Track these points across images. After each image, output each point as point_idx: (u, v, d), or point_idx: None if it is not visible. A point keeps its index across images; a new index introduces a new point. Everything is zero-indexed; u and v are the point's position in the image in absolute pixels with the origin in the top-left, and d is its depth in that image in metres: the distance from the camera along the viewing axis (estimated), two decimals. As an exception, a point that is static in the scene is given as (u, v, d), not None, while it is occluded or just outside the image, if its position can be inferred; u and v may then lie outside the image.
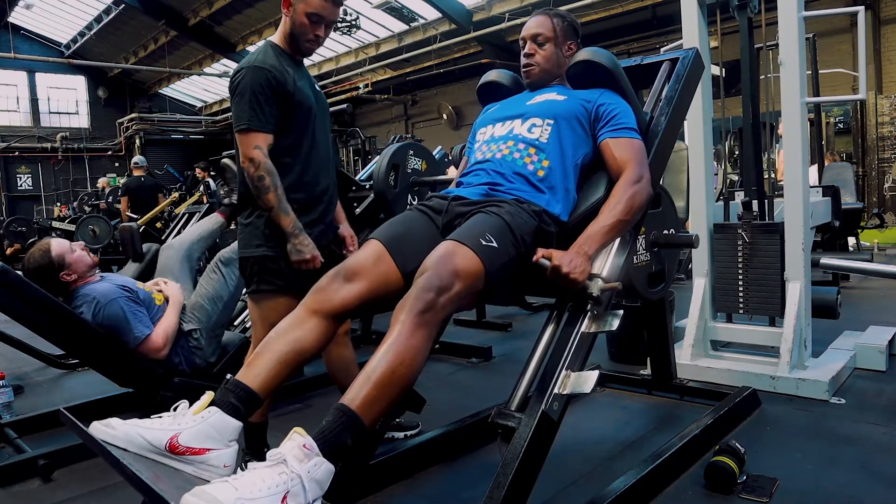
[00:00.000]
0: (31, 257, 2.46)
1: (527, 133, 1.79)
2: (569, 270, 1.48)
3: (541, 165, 1.73)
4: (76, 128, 18.97)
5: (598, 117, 1.79)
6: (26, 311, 2.32)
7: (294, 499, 1.11)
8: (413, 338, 1.27)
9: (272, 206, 1.88)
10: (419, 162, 3.39)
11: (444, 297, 1.32)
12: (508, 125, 1.84)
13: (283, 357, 1.41)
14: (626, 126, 1.76)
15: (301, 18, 1.93)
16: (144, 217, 7.77)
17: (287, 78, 1.91)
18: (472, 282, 1.40)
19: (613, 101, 1.80)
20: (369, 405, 1.23)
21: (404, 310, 1.30)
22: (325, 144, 2.08)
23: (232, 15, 14.54)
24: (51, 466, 2.20)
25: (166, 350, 2.45)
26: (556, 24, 1.92)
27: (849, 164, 7.04)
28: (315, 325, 1.45)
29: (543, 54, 1.91)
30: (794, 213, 2.79)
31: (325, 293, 1.48)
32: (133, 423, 1.26)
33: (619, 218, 1.61)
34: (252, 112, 1.86)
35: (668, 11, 9.02)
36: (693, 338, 2.97)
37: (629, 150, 1.73)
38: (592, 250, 1.56)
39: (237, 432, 1.33)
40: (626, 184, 1.67)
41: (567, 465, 2.04)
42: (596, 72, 1.84)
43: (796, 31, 2.73)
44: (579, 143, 1.78)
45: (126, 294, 2.44)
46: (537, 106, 1.85)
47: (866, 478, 1.92)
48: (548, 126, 1.78)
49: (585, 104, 1.80)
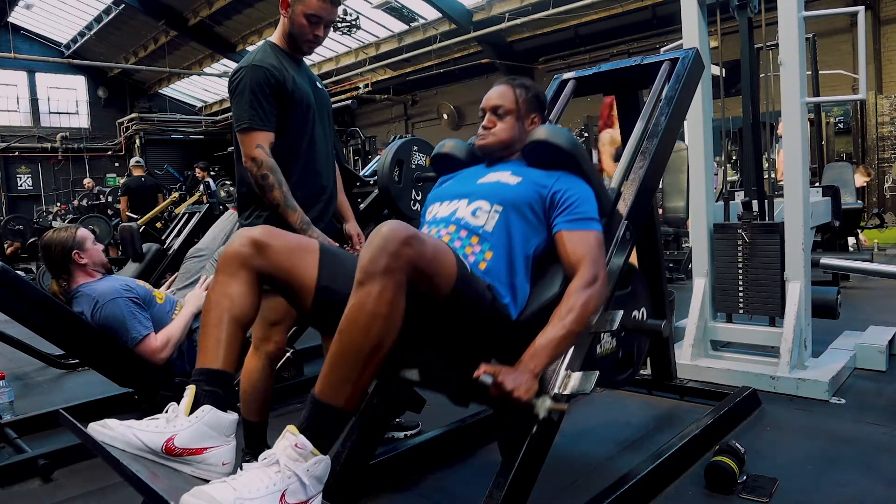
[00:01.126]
0: (55, 232, 2.56)
1: (470, 217, 1.60)
2: (513, 388, 1.31)
3: (483, 257, 1.54)
4: (76, 128, 18.96)
5: (554, 204, 1.60)
6: (26, 311, 2.32)
7: (292, 496, 1.11)
8: (369, 295, 1.16)
9: (278, 203, 1.87)
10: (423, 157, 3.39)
11: (416, 246, 1.20)
12: (453, 205, 1.66)
13: (227, 329, 1.36)
14: (583, 217, 1.59)
15: (300, 19, 1.93)
16: (144, 217, 7.78)
17: (286, 76, 1.91)
18: (443, 266, 1.29)
19: (572, 187, 1.62)
20: (338, 388, 1.19)
21: (361, 261, 1.19)
22: (324, 142, 2.08)
23: (232, 15, 14.54)
24: (51, 466, 2.20)
25: (165, 353, 2.44)
26: (519, 96, 1.77)
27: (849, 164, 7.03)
28: (239, 285, 1.37)
29: (503, 127, 1.76)
30: (794, 213, 2.79)
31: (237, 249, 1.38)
32: (129, 425, 1.26)
33: (570, 329, 1.42)
34: (252, 111, 1.86)
35: (668, 11, 9.02)
36: (693, 338, 2.97)
37: (585, 245, 1.54)
38: (539, 368, 1.38)
39: (233, 426, 1.33)
40: (578, 288, 1.47)
41: (567, 465, 2.04)
42: (554, 154, 1.66)
43: (796, 31, 2.73)
44: (531, 233, 1.60)
45: (127, 294, 2.44)
46: (487, 187, 1.67)
47: (866, 478, 1.92)
48: (495, 213, 1.58)
49: (541, 189, 1.62)
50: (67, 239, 2.49)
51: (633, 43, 11.45)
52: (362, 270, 1.18)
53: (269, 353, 1.94)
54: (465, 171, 1.84)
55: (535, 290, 1.59)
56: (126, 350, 2.40)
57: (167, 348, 2.44)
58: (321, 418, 1.19)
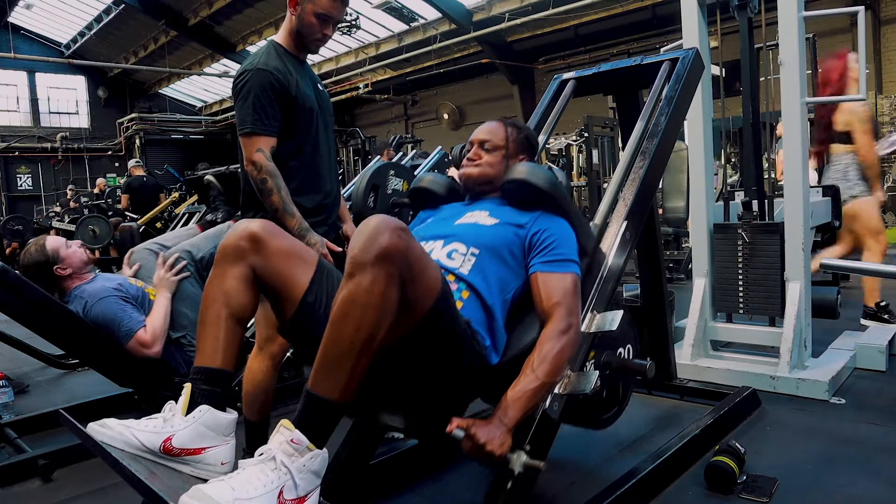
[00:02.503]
0: (26, 253, 2.48)
1: (446, 259, 1.54)
2: (485, 441, 1.28)
3: (459, 296, 1.48)
4: (76, 128, 18.97)
5: (532, 246, 1.55)
6: (26, 310, 2.32)
7: (290, 492, 1.11)
8: (359, 286, 1.14)
9: (277, 207, 1.87)
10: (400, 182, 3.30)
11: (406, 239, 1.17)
12: (429, 246, 1.59)
13: (224, 325, 1.34)
14: (560, 258, 1.53)
15: (309, 18, 1.93)
16: (144, 217, 7.78)
17: (290, 80, 1.91)
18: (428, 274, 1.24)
19: (553, 227, 1.57)
20: (331, 381, 1.17)
21: (351, 252, 1.17)
22: (327, 146, 2.08)
23: (232, 15, 14.55)
24: (51, 466, 2.20)
25: (157, 347, 2.42)
26: (510, 135, 1.75)
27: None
28: (236, 278, 1.35)
29: (489, 160, 1.72)
30: (794, 213, 2.79)
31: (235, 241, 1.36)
32: (127, 425, 1.26)
33: (543, 381, 1.37)
34: (255, 115, 1.86)
35: (668, 11, 9.02)
36: (693, 338, 2.97)
37: (560, 290, 1.48)
38: (513, 422, 1.33)
39: (232, 426, 1.32)
40: (552, 336, 1.42)
41: (567, 465, 2.04)
42: (532, 193, 1.61)
43: (796, 31, 2.73)
44: (509, 276, 1.54)
45: (116, 292, 2.44)
46: (463, 228, 1.62)
47: (866, 478, 1.92)
48: (472, 256, 1.53)
49: (518, 230, 1.57)
50: (40, 259, 2.46)
51: (633, 43, 11.47)
52: (353, 261, 1.15)
53: (273, 353, 1.94)
54: (444, 211, 1.80)
55: (514, 335, 1.53)
56: (121, 349, 2.39)
57: (157, 341, 2.43)
58: (315, 412, 1.18)
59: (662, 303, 2.46)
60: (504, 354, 1.50)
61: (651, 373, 1.63)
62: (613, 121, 7.89)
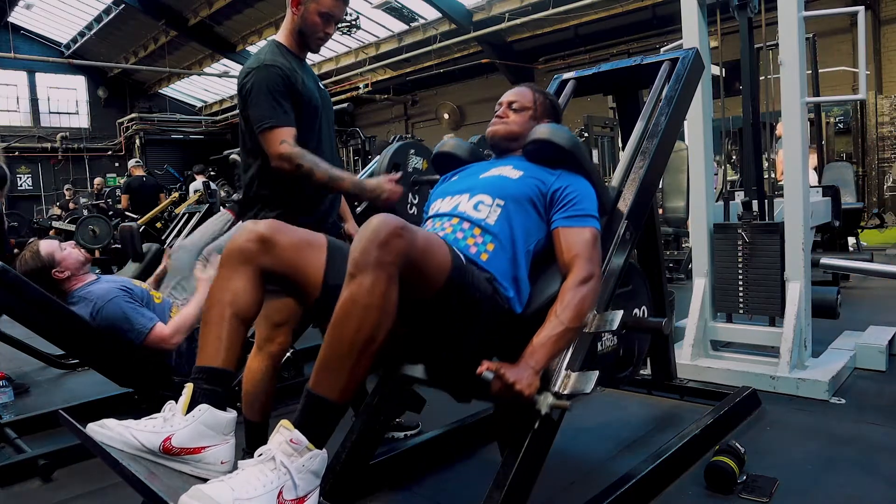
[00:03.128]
0: (22, 260, 2.47)
1: (472, 211, 1.61)
2: (514, 381, 1.32)
3: (485, 248, 1.54)
4: (76, 128, 18.96)
5: (554, 201, 1.62)
6: (26, 310, 2.32)
7: (290, 492, 1.11)
8: (361, 287, 1.15)
9: (325, 181, 1.87)
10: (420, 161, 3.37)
11: (407, 238, 1.19)
12: (455, 200, 1.67)
13: (228, 326, 1.35)
14: (581, 213, 1.59)
15: (313, 17, 1.94)
16: (144, 217, 7.78)
17: (296, 76, 1.92)
18: (435, 258, 1.29)
19: (574, 184, 1.63)
20: (332, 380, 1.19)
21: (353, 254, 1.18)
22: (330, 142, 2.09)
23: (232, 15, 14.54)
24: (51, 466, 2.20)
25: (177, 338, 2.42)
26: (537, 98, 1.83)
27: (849, 164, 7.03)
28: (242, 280, 1.36)
29: (515, 119, 1.80)
30: (794, 213, 2.79)
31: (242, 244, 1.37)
32: (127, 425, 1.26)
33: (567, 326, 1.44)
34: (272, 109, 1.86)
35: (668, 11, 9.02)
36: (693, 338, 2.97)
37: (580, 242, 1.55)
38: (540, 365, 1.39)
39: (232, 425, 1.32)
40: (573, 286, 1.48)
41: (567, 465, 2.04)
42: (555, 152, 1.67)
43: (796, 31, 2.73)
44: (532, 228, 1.60)
45: (124, 293, 2.44)
46: (488, 181, 1.68)
47: (866, 478, 1.92)
48: (497, 207, 1.60)
49: (541, 186, 1.63)
50: (37, 265, 2.45)
51: (633, 43, 11.45)
52: (353, 263, 1.17)
53: (273, 353, 1.94)
54: (468, 169, 1.85)
55: (537, 287, 1.58)
56: (128, 349, 2.39)
57: (178, 334, 2.42)
58: (316, 411, 1.18)
59: (662, 303, 2.46)
60: (528, 306, 1.56)
61: (667, 329, 1.70)
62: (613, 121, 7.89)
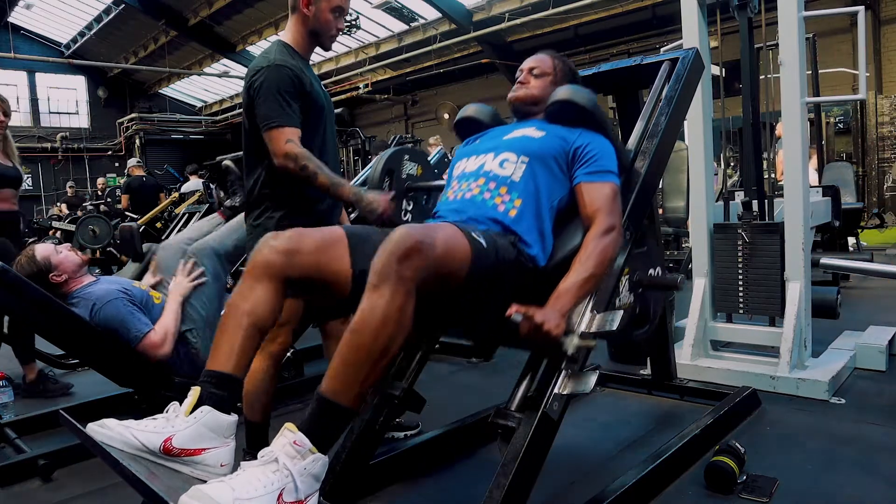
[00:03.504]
0: (18, 266, 2.46)
1: (498, 169, 1.69)
2: (542, 322, 1.37)
3: (512, 205, 1.62)
4: (76, 128, 18.98)
5: (576, 158, 1.69)
6: (26, 311, 2.32)
7: (290, 495, 1.11)
8: (371, 298, 1.20)
9: (327, 186, 1.89)
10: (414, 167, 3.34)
11: (427, 252, 1.23)
12: (480, 159, 1.75)
13: (244, 333, 1.36)
14: (602, 169, 1.67)
15: (325, 15, 1.96)
16: (144, 217, 7.78)
17: (304, 77, 1.93)
18: (456, 257, 1.34)
19: (594, 142, 1.70)
20: (346, 387, 1.21)
21: (374, 265, 1.22)
22: (333, 143, 2.11)
23: (232, 15, 14.56)
24: (51, 466, 2.20)
25: (167, 348, 2.42)
26: (556, 64, 1.89)
27: (849, 164, 7.03)
28: (263, 292, 1.39)
29: (537, 84, 1.86)
30: (794, 213, 2.79)
31: (266, 257, 1.40)
32: (127, 425, 1.26)
33: (591, 272, 1.51)
34: (280, 109, 1.87)
35: (668, 11, 9.02)
36: (693, 338, 2.97)
37: (602, 196, 1.63)
38: (566, 308, 1.45)
39: (233, 428, 1.32)
40: (596, 236, 1.56)
41: (567, 465, 2.04)
42: (575, 112, 1.74)
43: (796, 31, 2.73)
44: (555, 184, 1.68)
45: (123, 294, 2.44)
46: (513, 141, 1.75)
47: (866, 478, 1.92)
48: (522, 164, 1.68)
49: (563, 144, 1.71)
50: (33, 270, 2.45)
51: (633, 43, 11.46)
52: (375, 274, 1.21)
53: (274, 353, 1.94)
54: (490, 132, 1.92)
55: (560, 241, 1.67)
56: (127, 350, 2.39)
57: (167, 342, 2.43)
58: (326, 415, 1.19)
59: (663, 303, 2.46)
60: (551, 258, 1.64)
61: (682, 286, 1.81)
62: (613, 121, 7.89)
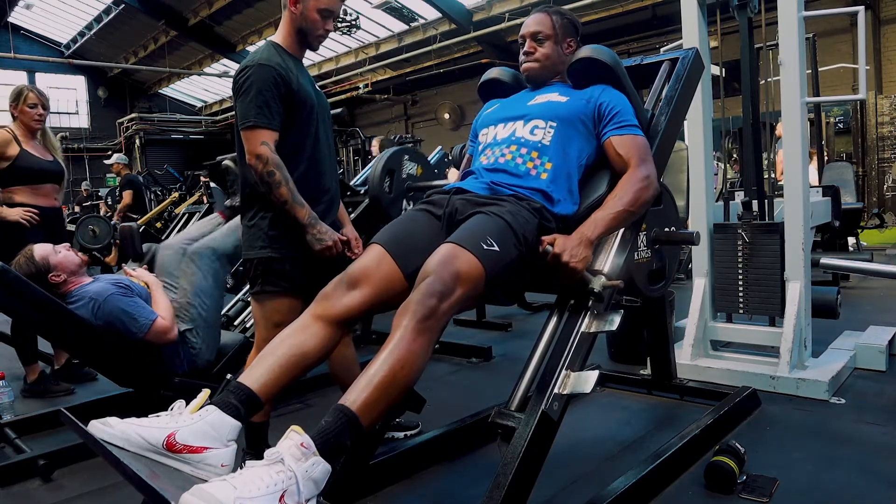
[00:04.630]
0: (16, 266, 2.45)
1: (529, 135, 1.78)
2: (568, 259, 1.51)
3: (544, 168, 1.73)
4: (76, 128, 18.97)
5: (602, 115, 1.78)
6: (26, 311, 2.32)
7: (291, 497, 1.11)
8: (415, 343, 1.29)
9: (286, 199, 1.87)
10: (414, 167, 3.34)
11: (446, 304, 1.34)
12: (511, 127, 1.84)
13: (286, 361, 1.42)
14: (629, 123, 1.77)
15: (312, 14, 1.95)
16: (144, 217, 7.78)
17: (291, 76, 1.92)
18: (473, 285, 1.42)
19: (616, 99, 1.80)
20: (369, 407, 1.24)
21: (406, 315, 1.31)
22: (327, 144, 2.08)
23: (232, 15, 14.55)
24: (51, 466, 2.20)
25: (176, 330, 2.42)
26: (556, 22, 1.91)
27: (849, 163, 7.03)
28: (318, 330, 1.47)
29: (543, 52, 1.90)
30: (794, 213, 2.79)
31: (330, 300, 1.50)
32: (130, 422, 1.26)
33: (626, 208, 1.63)
34: (258, 109, 1.86)
35: (668, 11, 9.03)
36: (693, 338, 2.97)
37: (634, 147, 1.73)
38: (595, 235, 1.57)
39: (236, 432, 1.33)
40: (633, 178, 1.68)
41: (567, 465, 2.04)
42: (598, 69, 1.84)
43: (796, 31, 2.73)
44: (583, 143, 1.78)
45: (121, 289, 2.44)
46: (539, 107, 1.84)
47: (866, 478, 1.92)
48: (550, 128, 1.77)
49: (587, 103, 1.80)
50: (31, 271, 2.44)
51: (633, 43, 11.45)
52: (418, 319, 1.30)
53: None
54: (513, 98, 1.97)
55: (584, 193, 1.78)
56: (128, 347, 2.38)
57: (174, 326, 2.43)
58: (346, 430, 1.21)
59: (663, 302, 2.46)
60: (580, 205, 1.75)
61: (698, 240, 1.98)
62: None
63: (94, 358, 2.51)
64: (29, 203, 3.11)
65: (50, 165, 3.22)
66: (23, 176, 3.10)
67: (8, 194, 3.12)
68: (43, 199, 3.18)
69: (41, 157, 3.18)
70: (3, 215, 3.05)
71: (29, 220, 3.06)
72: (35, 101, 3.14)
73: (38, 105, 3.15)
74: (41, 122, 3.20)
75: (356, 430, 1.22)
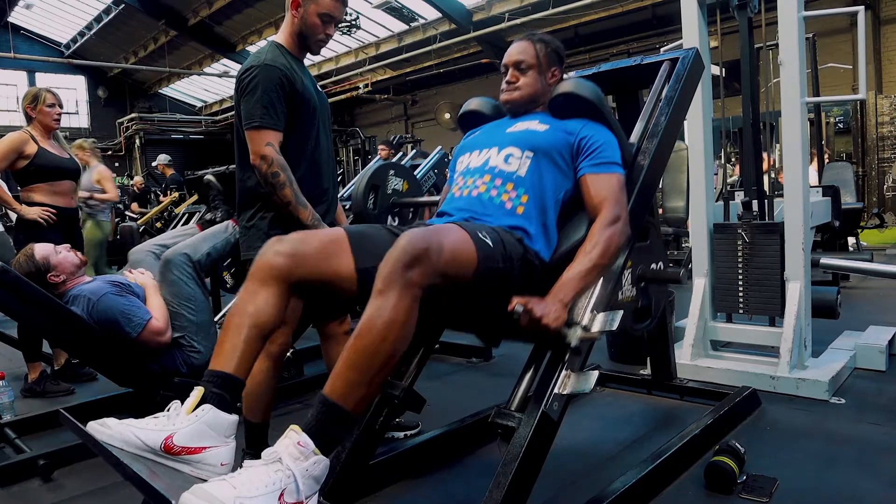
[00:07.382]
0: (16, 265, 2.46)
1: (503, 164, 1.70)
2: (542, 315, 1.38)
3: (519, 202, 1.64)
4: (76, 128, 18.94)
5: (580, 150, 1.70)
6: (26, 310, 2.32)
7: (291, 496, 1.11)
8: (387, 303, 1.21)
9: (289, 201, 1.88)
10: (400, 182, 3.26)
11: (433, 259, 1.25)
12: (485, 154, 1.75)
13: (246, 335, 1.37)
14: (607, 161, 1.68)
15: (312, 19, 1.95)
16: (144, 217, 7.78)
17: (296, 77, 1.92)
18: (462, 261, 1.35)
19: (596, 134, 1.71)
20: (350, 390, 1.21)
21: (381, 271, 1.23)
22: (327, 145, 2.09)
23: (232, 15, 14.54)
24: (51, 466, 2.20)
25: (169, 333, 2.42)
26: (539, 51, 1.84)
27: (849, 163, 7.03)
28: (268, 295, 1.40)
29: (526, 81, 1.83)
30: (794, 213, 2.79)
31: (270, 260, 1.42)
32: (128, 424, 1.26)
33: (596, 262, 1.52)
34: (264, 110, 1.86)
35: (668, 11, 9.02)
36: (693, 338, 2.97)
37: (608, 187, 1.64)
38: (569, 298, 1.47)
39: (233, 427, 1.33)
40: (602, 226, 1.58)
41: (567, 465, 2.04)
42: (579, 104, 1.76)
43: (796, 31, 2.73)
44: (560, 178, 1.70)
45: (117, 288, 2.44)
46: (516, 135, 1.76)
47: (866, 478, 1.92)
48: (527, 158, 1.69)
49: (567, 136, 1.72)
50: (31, 269, 2.46)
51: (633, 43, 11.46)
52: (381, 280, 1.23)
53: (273, 354, 1.93)
54: (493, 124, 1.91)
55: (563, 234, 1.69)
56: (127, 346, 2.38)
57: (168, 327, 2.43)
58: (329, 419, 1.20)
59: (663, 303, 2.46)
60: (555, 251, 1.66)
61: (685, 280, 1.86)
62: (613, 121, 7.85)
63: (92, 357, 2.51)
64: (47, 203, 3.21)
65: (67, 162, 3.34)
66: (42, 173, 3.20)
67: (27, 193, 3.22)
68: (61, 199, 3.27)
69: (58, 155, 3.30)
70: (23, 213, 3.15)
71: (47, 220, 3.12)
72: (53, 101, 3.34)
73: (55, 105, 3.34)
74: (59, 122, 3.35)
75: (342, 418, 1.20)
